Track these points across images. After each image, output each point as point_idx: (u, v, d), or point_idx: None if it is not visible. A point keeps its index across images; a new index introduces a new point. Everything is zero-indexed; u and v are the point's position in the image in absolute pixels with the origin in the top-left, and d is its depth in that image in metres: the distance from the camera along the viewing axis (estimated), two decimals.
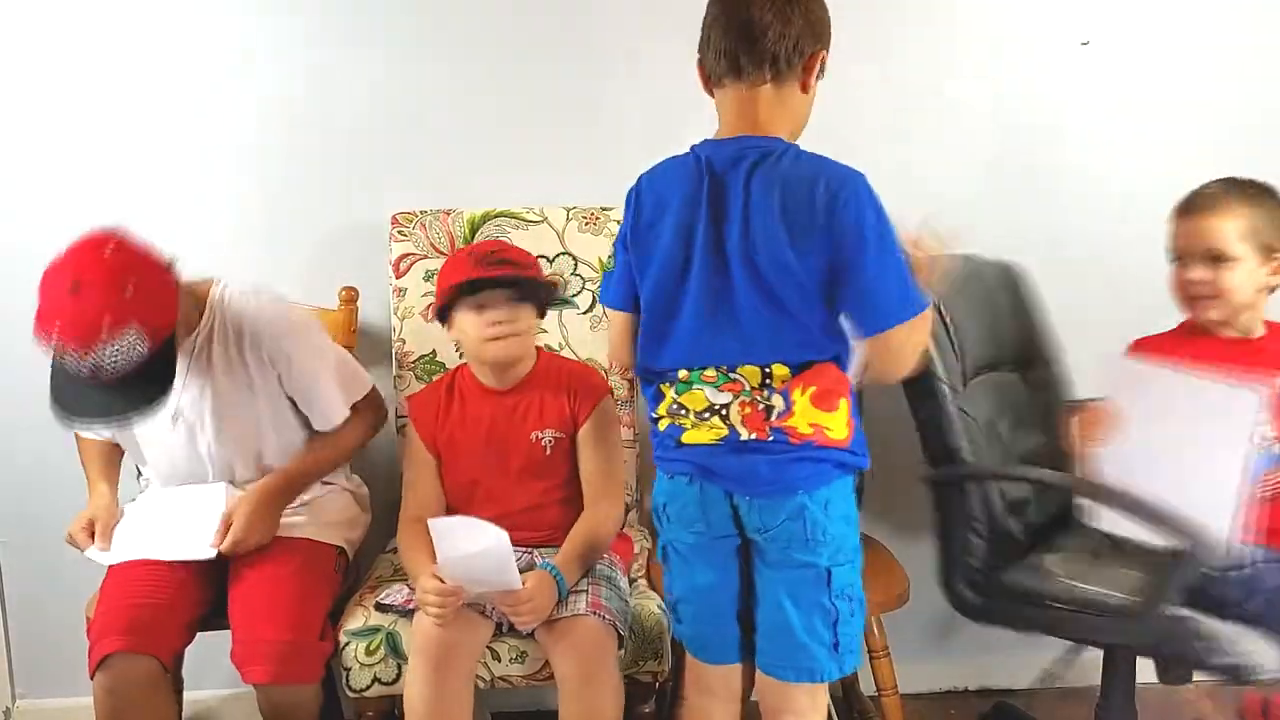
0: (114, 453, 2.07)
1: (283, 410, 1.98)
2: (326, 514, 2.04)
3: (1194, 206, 1.89)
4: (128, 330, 1.65)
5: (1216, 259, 1.85)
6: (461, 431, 1.96)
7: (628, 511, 2.14)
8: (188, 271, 1.84)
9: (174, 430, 1.94)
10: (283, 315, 1.96)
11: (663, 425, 1.62)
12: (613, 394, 2.04)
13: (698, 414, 1.57)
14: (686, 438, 1.59)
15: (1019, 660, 2.39)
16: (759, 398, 1.54)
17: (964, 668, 2.50)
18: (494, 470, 1.94)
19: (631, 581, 1.99)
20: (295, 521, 1.99)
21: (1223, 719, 2.26)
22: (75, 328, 1.64)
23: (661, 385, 1.62)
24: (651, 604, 1.91)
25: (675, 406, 1.60)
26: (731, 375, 1.55)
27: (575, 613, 1.78)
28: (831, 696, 2.18)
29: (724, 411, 1.56)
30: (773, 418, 1.54)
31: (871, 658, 2.09)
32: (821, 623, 1.58)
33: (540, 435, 1.94)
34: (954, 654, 2.14)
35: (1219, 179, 1.90)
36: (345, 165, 2.29)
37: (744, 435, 1.55)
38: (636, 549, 2.10)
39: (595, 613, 1.77)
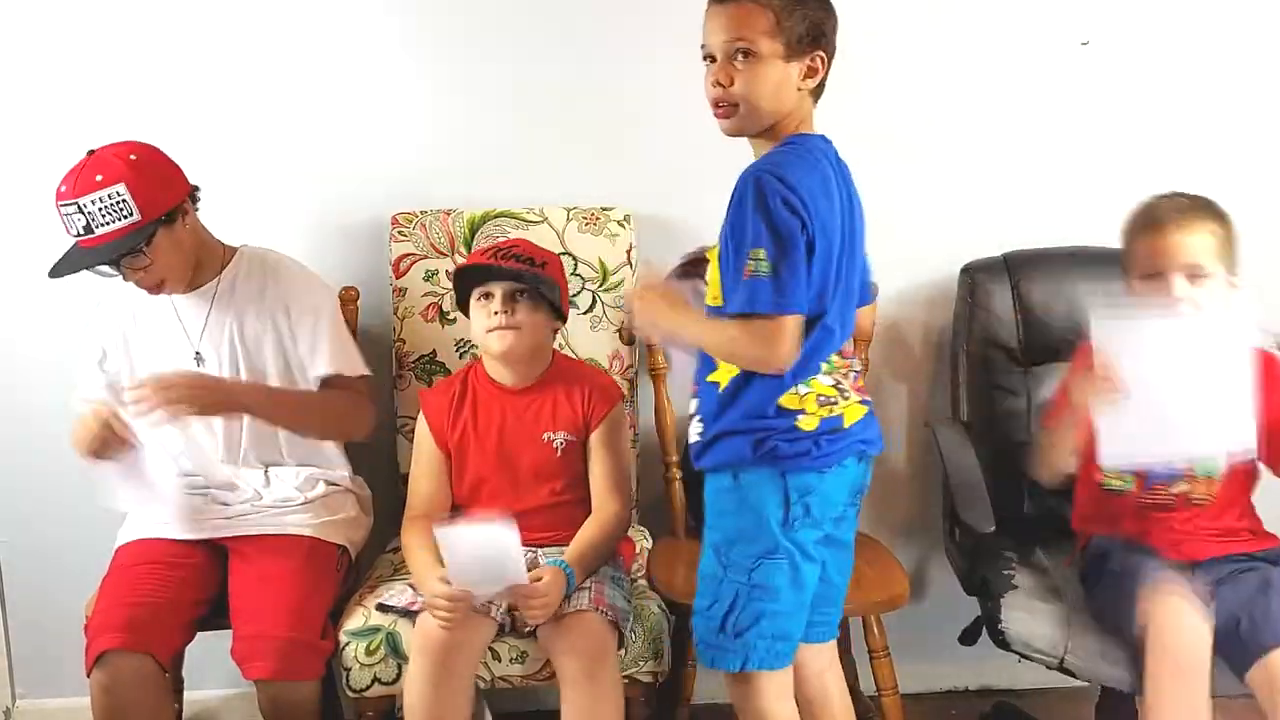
0: None
1: (291, 366, 2.00)
2: (330, 513, 2.03)
3: (1161, 221, 1.81)
4: (119, 185, 1.80)
5: (1194, 275, 1.77)
6: (473, 429, 1.96)
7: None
8: None
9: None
10: (306, 270, 2.07)
11: (813, 423, 1.58)
12: (625, 399, 2.03)
13: (842, 393, 1.62)
14: (846, 421, 1.61)
15: (1019, 660, 2.39)
16: (855, 365, 1.66)
17: (964, 668, 2.50)
18: (504, 469, 1.94)
19: (632, 582, 1.99)
20: (299, 520, 1.99)
21: None
22: (75, 175, 1.82)
23: (805, 380, 1.59)
24: (652, 604, 1.91)
25: (824, 397, 1.60)
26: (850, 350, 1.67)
27: (578, 608, 1.78)
28: None
29: (845, 386, 1.63)
30: (861, 380, 1.67)
31: (871, 658, 2.08)
32: None
33: (552, 436, 1.94)
34: (954, 654, 2.13)
35: (1166, 194, 1.85)
36: (345, 165, 2.29)
37: (862, 402, 1.65)
38: (637, 549, 2.10)
39: (598, 609, 1.78)
